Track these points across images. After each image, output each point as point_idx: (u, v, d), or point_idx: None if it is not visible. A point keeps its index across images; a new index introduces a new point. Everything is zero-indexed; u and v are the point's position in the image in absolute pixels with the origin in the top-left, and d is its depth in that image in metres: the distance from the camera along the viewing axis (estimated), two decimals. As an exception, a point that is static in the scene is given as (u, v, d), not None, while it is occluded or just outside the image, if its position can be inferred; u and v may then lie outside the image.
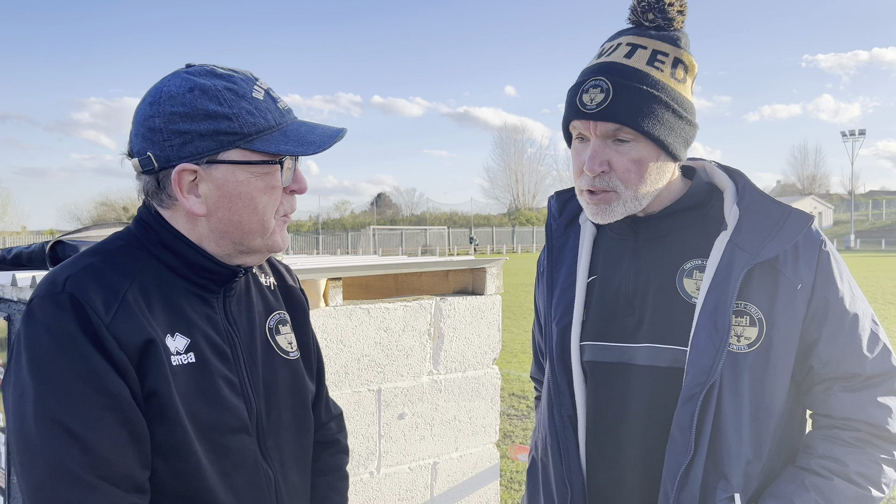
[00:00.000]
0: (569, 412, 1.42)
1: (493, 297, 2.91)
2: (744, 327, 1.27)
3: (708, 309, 1.26)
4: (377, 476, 2.62)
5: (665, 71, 1.29)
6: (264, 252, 1.21)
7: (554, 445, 1.44)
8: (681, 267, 1.34)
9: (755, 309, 1.27)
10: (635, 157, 1.29)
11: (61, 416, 1.00)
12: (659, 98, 1.27)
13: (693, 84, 1.35)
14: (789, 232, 1.28)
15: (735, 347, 1.26)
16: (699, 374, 1.24)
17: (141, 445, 1.06)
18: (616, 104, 1.26)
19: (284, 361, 1.29)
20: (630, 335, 1.36)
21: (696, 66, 1.34)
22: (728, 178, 1.38)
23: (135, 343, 1.06)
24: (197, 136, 1.10)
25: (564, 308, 1.44)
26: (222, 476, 1.13)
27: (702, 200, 1.38)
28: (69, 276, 1.07)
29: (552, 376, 1.45)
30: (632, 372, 1.35)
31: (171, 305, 1.14)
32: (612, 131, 1.28)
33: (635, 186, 1.30)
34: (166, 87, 1.13)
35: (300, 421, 1.31)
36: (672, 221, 1.38)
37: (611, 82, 1.28)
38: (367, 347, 2.56)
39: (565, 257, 1.50)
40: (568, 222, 1.53)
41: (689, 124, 1.32)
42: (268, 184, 1.15)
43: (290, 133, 1.15)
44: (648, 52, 1.29)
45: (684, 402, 1.25)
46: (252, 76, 1.18)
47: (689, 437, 1.24)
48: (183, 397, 1.09)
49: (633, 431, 1.34)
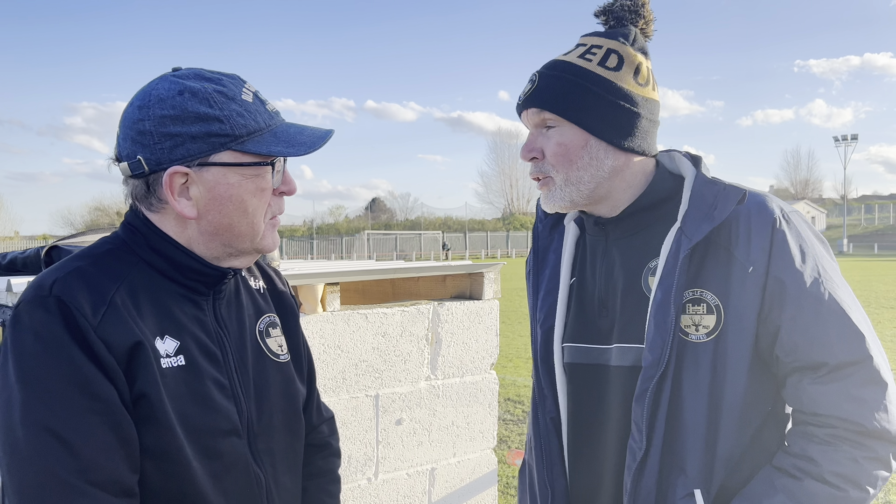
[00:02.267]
0: (552, 414, 1.42)
1: (491, 302, 2.90)
2: (701, 315, 1.24)
3: (657, 301, 1.25)
4: (375, 482, 2.61)
5: (593, 61, 1.32)
6: (254, 254, 1.21)
7: (538, 448, 1.44)
8: (646, 265, 1.33)
9: (711, 295, 1.23)
10: (560, 141, 1.32)
11: (49, 420, 0.99)
12: (579, 84, 1.30)
13: (636, 76, 1.32)
14: (720, 210, 1.24)
15: (693, 337, 1.24)
16: (649, 367, 1.23)
17: (130, 449, 1.05)
18: (538, 92, 1.33)
19: (275, 364, 1.29)
20: (604, 336, 1.36)
21: (639, 59, 1.33)
22: (690, 166, 1.36)
23: (123, 346, 1.05)
24: (188, 138, 1.10)
25: (548, 310, 1.45)
26: (213, 479, 1.13)
27: (667, 194, 1.36)
28: (56, 280, 1.06)
29: (536, 378, 1.47)
30: (606, 373, 1.35)
31: (161, 308, 1.13)
32: (537, 117, 1.33)
33: (565, 170, 1.32)
34: (155, 91, 1.12)
35: (291, 424, 1.30)
36: (638, 219, 1.36)
37: (539, 74, 1.35)
38: (364, 353, 2.55)
39: (549, 259, 1.51)
40: (553, 224, 1.54)
41: (623, 111, 1.30)
42: (258, 186, 1.14)
43: (280, 134, 1.15)
44: (585, 48, 1.34)
45: (637, 398, 1.25)
46: (240, 79, 1.18)
47: (642, 433, 1.24)
48: (173, 400, 1.09)
49: (611, 432, 1.34)
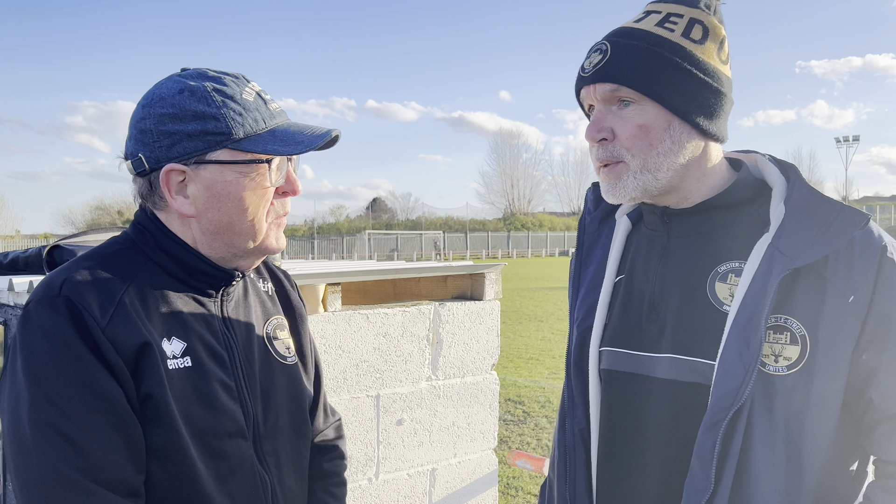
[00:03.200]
0: (581, 425, 1.28)
1: (492, 303, 2.90)
2: (783, 345, 1.08)
3: (741, 321, 1.08)
4: (375, 482, 2.61)
5: (676, 31, 1.14)
6: (258, 254, 1.21)
7: (561, 461, 1.30)
8: (714, 269, 1.17)
9: (797, 324, 1.08)
10: (640, 122, 1.14)
11: (56, 419, 1.00)
12: (663, 56, 1.13)
13: (721, 50, 1.18)
14: (836, 233, 1.09)
15: (771, 368, 1.07)
16: (724, 397, 1.06)
17: (136, 449, 1.05)
18: (612, 63, 1.14)
19: (282, 366, 1.29)
20: (652, 344, 1.20)
21: (723, 29, 1.18)
22: (779, 174, 1.20)
23: (131, 347, 1.06)
24: (185, 136, 1.11)
25: (587, 310, 1.30)
26: (218, 480, 1.13)
27: (748, 197, 1.20)
28: (65, 280, 1.06)
29: (567, 384, 1.31)
30: (650, 385, 1.18)
31: (168, 309, 1.14)
32: (611, 93, 1.15)
33: (643, 155, 1.15)
34: (158, 90, 1.14)
35: (297, 426, 1.30)
36: (710, 217, 1.20)
37: (611, 43, 1.16)
38: (365, 353, 2.55)
39: (595, 255, 1.36)
40: (603, 217, 1.39)
41: (709, 90, 1.15)
42: (257, 183, 1.15)
43: (278, 134, 1.16)
44: (661, 15, 1.16)
45: (707, 430, 1.08)
46: (244, 78, 1.19)
47: (710, 471, 1.07)
48: (179, 401, 1.09)
49: (650, 452, 1.18)
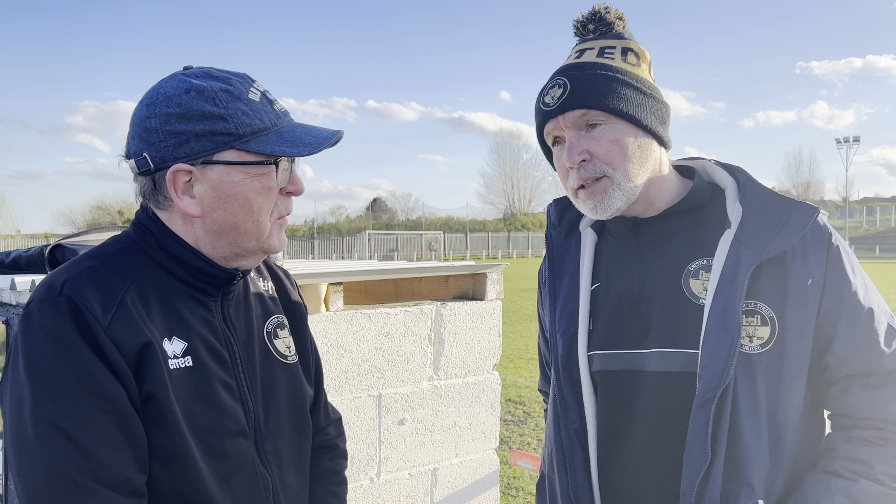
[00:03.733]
0: (576, 426, 1.36)
1: (494, 303, 2.90)
2: (755, 327, 1.23)
3: (717, 310, 1.22)
4: (377, 482, 2.61)
5: (616, 58, 1.29)
6: (260, 254, 1.21)
7: (560, 461, 1.39)
8: (686, 267, 1.30)
9: (766, 308, 1.23)
10: (612, 138, 1.26)
11: (59, 419, 1.00)
12: (616, 78, 1.27)
13: (650, 70, 1.34)
14: (794, 226, 1.24)
15: (747, 348, 1.22)
16: (712, 377, 1.20)
17: (138, 449, 1.05)
18: (576, 92, 1.26)
19: (283, 365, 1.29)
20: (638, 341, 1.31)
21: (648, 53, 1.33)
22: (729, 176, 1.35)
23: (132, 346, 1.06)
24: (192, 136, 1.10)
25: (569, 318, 1.40)
26: (220, 480, 1.13)
27: (703, 200, 1.35)
28: (67, 280, 1.06)
29: (558, 389, 1.40)
30: (641, 379, 1.30)
31: (169, 309, 1.14)
32: (580, 119, 1.27)
33: (623, 166, 1.27)
34: (163, 89, 1.13)
35: (298, 425, 1.30)
36: (674, 222, 1.34)
37: (567, 77, 1.29)
38: (367, 353, 2.55)
39: (567, 266, 1.46)
40: (568, 230, 1.49)
41: (656, 101, 1.30)
42: (263, 184, 1.15)
43: (285, 134, 1.16)
44: (597, 49, 1.31)
45: (699, 408, 1.21)
46: (249, 78, 1.18)
47: (706, 444, 1.20)
48: (180, 401, 1.09)
49: (646, 440, 1.29)
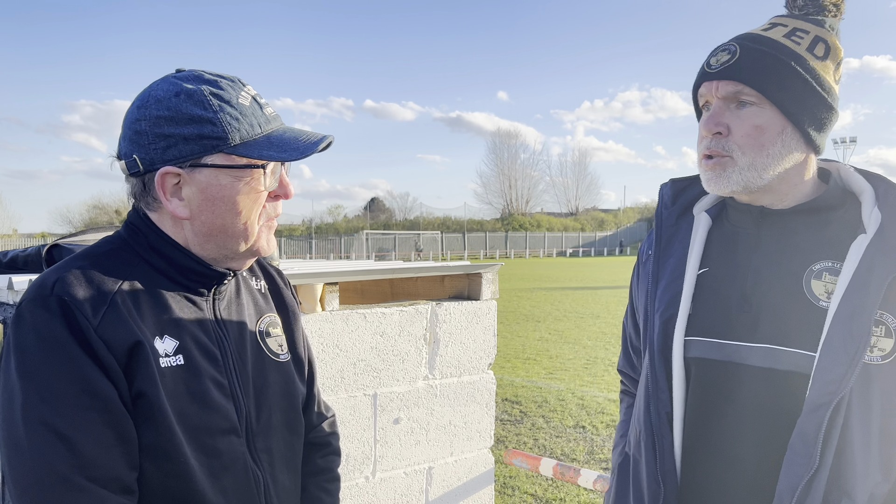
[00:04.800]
0: (667, 408, 1.33)
1: (489, 303, 2.92)
2: (878, 337, 1.17)
3: (843, 315, 1.16)
4: (372, 481, 2.62)
5: (802, 44, 1.23)
6: (249, 256, 1.22)
7: (649, 442, 1.35)
8: (809, 267, 1.24)
9: (892, 318, 1.18)
10: (756, 123, 1.22)
11: (49, 417, 1.01)
12: (789, 66, 1.21)
13: (837, 71, 1.27)
14: None
15: (868, 358, 1.16)
16: (829, 382, 1.15)
17: (128, 447, 1.06)
18: (740, 64, 1.22)
19: (275, 364, 1.30)
20: (744, 334, 1.26)
21: (842, 52, 1.26)
22: (866, 182, 1.29)
23: (123, 345, 1.06)
24: (181, 139, 1.11)
25: (670, 300, 1.36)
26: (211, 477, 1.14)
27: (835, 203, 1.29)
28: (58, 279, 1.07)
29: (651, 371, 1.37)
30: (742, 372, 1.26)
31: (160, 308, 1.14)
32: (733, 92, 1.23)
33: (753, 154, 1.23)
34: (154, 92, 1.14)
35: (290, 423, 1.31)
36: (802, 219, 1.28)
37: (740, 45, 1.25)
38: (363, 352, 2.56)
39: (674, 248, 1.41)
40: (681, 212, 1.44)
41: (824, 105, 1.24)
42: (251, 188, 1.15)
43: (273, 139, 1.16)
44: (788, 28, 1.26)
45: (811, 411, 1.16)
46: (240, 81, 1.19)
47: (814, 449, 1.15)
48: (171, 399, 1.10)
49: (740, 434, 1.25)
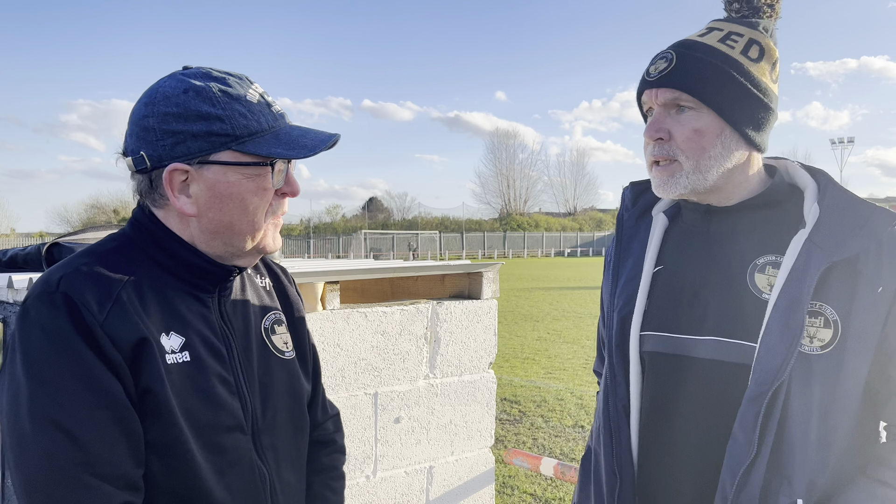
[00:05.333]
0: (623, 402, 1.38)
1: (490, 302, 2.91)
2: (817, 328, 1.21)
3: (781, 306, 1.21)
4: (373, 480, 2.62)
5: (736, 48, 1.27)
6: (255, 254, 1.22)
7: (606, 434, 1.41)
8: (753, 262, 1.30)
9: (831, 310, 1.21)
10: (695, 127, 1.27)
11: (55, 414, 1.00)
12: (723, 70, 1.26)
13: (773, 71, 1.31)
14: (872, 230, 1.22)
15: (807, 349, 1.21)
16: (767, 372, 1.20)
17: (135, 443, 1.06)
18: (677, 72, 1.27)
19: (280, 361, 1.30)
20: (693, 327, 1.32)
21: (777, 52, 1.31)
22: (810, 177, 1.34)
23: (129, 341, 1.06)
24: (189, 136, 1.11)
25: (627, 297, 1.42)
26: (217, 474, 1.14)
27: (782, 198, 1.34)
28: (63, 276, 1.07)
29: (609, 365, 1.43)
30: (692, 365, 1.31)
31: (166, 304, 1.14)
32: (671, 99, 1.28)
33: (696, 157, 1.28)
34: (161, 88, 1.14)
35: (295, 420, 1.31)
36: (747, 216, 1.34)
37: (676, 53, 1.29)
38: (363, 351, 2.56)
39: (633, 249, 1.47)
40: (640, 214, 1.51)
41: (760, 104, 1.28)
42: (259, 185, 1.15)
43: (282, 136, 1.16)
44: (723, 33, 1.30)
45: (750, 401, 1.20)
46: (247, 79, 1.19)
47: (753, 437, 1.20)
48: (177, 395, 1.10)
49: (690, 425, 1.30)
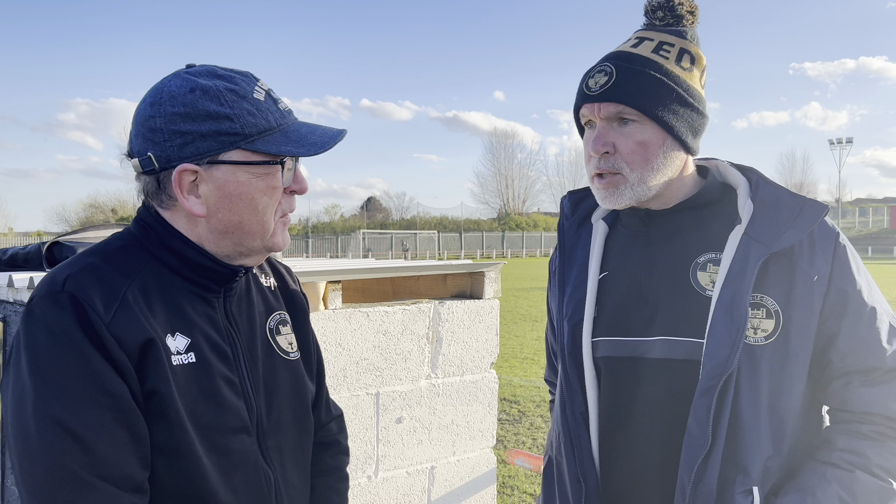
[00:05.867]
0: (581, 409, 1.40)
1: (492, 301, 2.91)
2: (760, 319, 1.26)
3: (724, 301, 1.26)
4: (375, 480, 2.61)
5: (670, 58, 1.31)
6: (264, 252, 1.21)
7: (567, 443, 1.43)
8: (694, 260, 1.34)
9: (771, 301, 1.27)
10: (639, 139, 1.30)
11: (61, 415, 0.99)
12: (662, 81, 1.29)
13: (702, 77, 1.36)
14: (804, 222, 1.27)
15: (752, 340, 1.25)
16: (716, 366, 1.24)
17: (140, 445, 1.05)
18: (619, 86, 1.29)
19: (285, 362, 1.29)
20: (643, 329, 1.35)
21: (705, 59, 1.35)
22: (741, 175, 1.39)
23: (135, 342, 1.05)
24: (198, 136, 1.10)
25: (576, 305, 1.44)
26: (222, 476, 1.13)
27: (716, 198, 1.38)
28: (69, 276, 1.06)
29: (564, 374, 1.44)
30: (645, 366, 1.34)
31: (172, 305, 1.13)
32: (615, 113, 1.30)
33: (641, 169, 1.31)
34: (167, 88, 1.12)
35: (300, 421, 1.30)
36: (685, 216, 1.38)
37: (615, 66, 1.31)
38: (365, 351, 2.55)
39: (577, 256, 1.50)
40: (580, 222, 1.53)
41: (696, 112, 1.33)
42: (269, 184, 1.14)
43: (290, 134, 1.15)
44: (655, 43, 1.33)
45: (701, 395, 1.24)
46: (253, 77, 1.17)
47: (707, 430, 1.23)
48: (183, 397, 1.09)
49: (648, 426, 1.33)
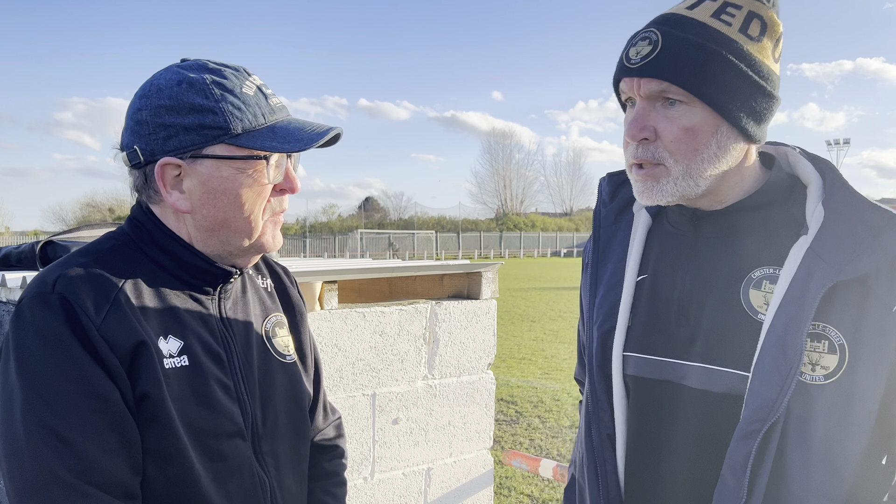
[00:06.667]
0: (608, 430, 1.23)
1: (489, 302, 2.89)
2: (821, 354, 1.04)
3: (777, 330, 1.04)
4: (371, 481, 2.59)
5: (734, 25, 1.06)
6: (253, 252, 1.19)
7: (591, 466, 1.26)
8: (748, 275, 1.12)
9: (836, 333, 1.04)
10: (686, 125, 1.07)
11: (50, 420, 0.97)
12: (719, 53, 1.04)
13: (776, 49, 1.10)
14: (887, 243, 1.04)
15: (808, 378, 1.04)
16: (760, 407, 1.03)
17: (132, 450, 1.03)
18: (663, 58, 1.05)
19: (281, 365, 1.27)
20: (680, 350, 1.15)
21: (781, 25, 1.09)
22: (814, 170, 1.14)
23: (126, 345, 1.03)
24: (182, 129, 1.08)
25: (608, 311, 1.24)
26: (216, 482, 1.11)
27: (780, 197, 1.14)
28: (59, 277, 1.04)
29: (591, 388, 1.27)
30: (681, 393, 1.14)
31: (165, 307, 1.11)
32: (657, 91, 1.07)
33: (686, 161, 1.08)
34: (156, 81, 1.11)
35: (296, 425, 1.28)
36: (741, 219, 1.15)
37: (661, 33, 1.07)
38: (361, 351, 2.53)
39: (613, 251, 1.29)
40: (620, 210, 1.32)
41: (762, 93, 1.08)
42: (254, 180, 1.12)
43: (278, 130, 1.13)
44: (718, 4, 1.07)
45: (740, 439, 1.04)
46: (245, 71, 1.16)
47: (743, 481, 1.04)
48: (176, 401, 1.07)
49: (680, 460, 1.14)
